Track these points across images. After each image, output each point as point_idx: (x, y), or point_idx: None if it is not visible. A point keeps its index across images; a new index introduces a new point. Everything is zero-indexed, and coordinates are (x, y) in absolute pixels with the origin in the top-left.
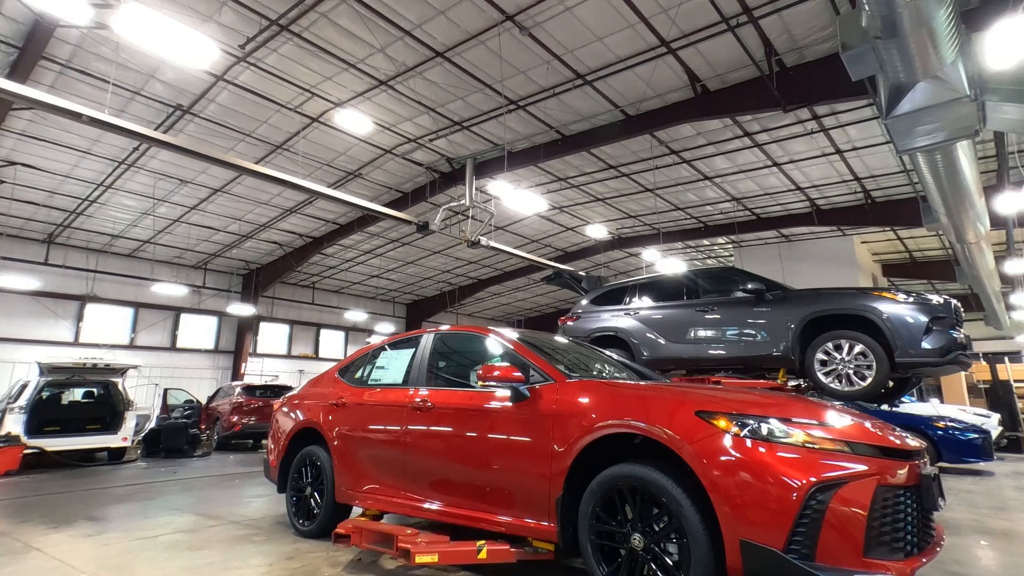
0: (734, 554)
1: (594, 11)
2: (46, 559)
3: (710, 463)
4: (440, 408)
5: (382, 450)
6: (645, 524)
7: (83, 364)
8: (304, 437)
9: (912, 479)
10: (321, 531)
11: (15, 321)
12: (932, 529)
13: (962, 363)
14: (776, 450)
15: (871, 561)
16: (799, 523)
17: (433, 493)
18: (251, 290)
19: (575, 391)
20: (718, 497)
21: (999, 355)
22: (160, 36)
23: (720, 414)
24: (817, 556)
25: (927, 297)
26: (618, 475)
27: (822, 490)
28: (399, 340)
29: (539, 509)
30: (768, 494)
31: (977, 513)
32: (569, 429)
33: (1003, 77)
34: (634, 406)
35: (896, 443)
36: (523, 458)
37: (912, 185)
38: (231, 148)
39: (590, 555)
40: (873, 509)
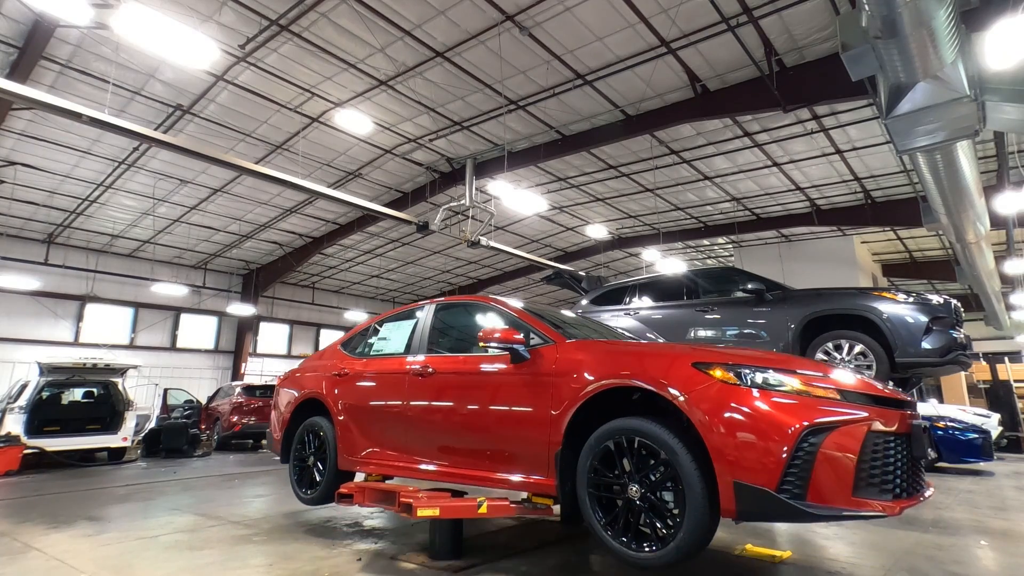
0: (728, 497)
1: (594, 11)
2: (46, 559)
3: (706, 410)
4: (441, 373)
5: (384, 416)
6: (642, 475)
7: (83, 364)
8: (307, 409)
9: (903, 428)
10: (324, 498)
11: (15, 321)
12: (922, 479)
13: (962, 363)
14: (770, 396)
15: (860, 500)
16: (791, 464)
17: (435, 455)
18: (251, 290)
19: (574, 350)
20: (713, 442)
21: (999, 355)
22: (160, 36)
23: (716, 364)
24: (808, 496)
25: (927, 297)
26: (616, 428)
27: (814, 433)
28: (400, 312)
29: (538, 465)
30: (762, 437)
31: (977, 513)
32: (569, 386)
33: (1003, 77)
34: (632, 361)
35: (887, 393)
36: (523, 416)
37: (912, 185)
38: (231, 148)
39: (588, 507)
40: (863, 452)
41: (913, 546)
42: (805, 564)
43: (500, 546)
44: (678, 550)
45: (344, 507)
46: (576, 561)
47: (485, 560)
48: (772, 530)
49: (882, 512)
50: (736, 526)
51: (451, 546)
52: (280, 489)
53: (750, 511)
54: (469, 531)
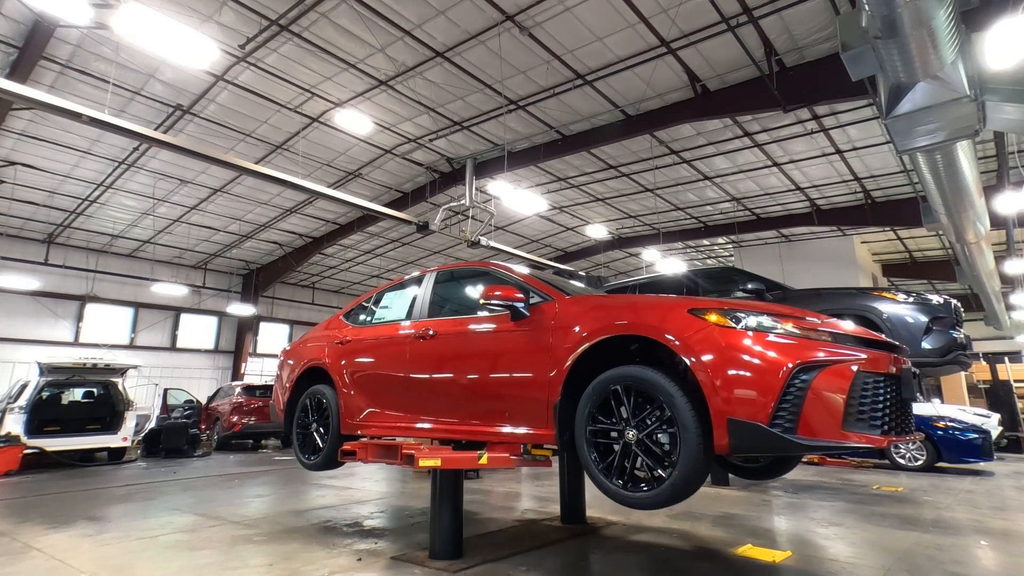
0: (721, 433)
1: (594, 11)
2: (46, 559)
3: (701, 351)
4: (442, 334)
5: (385, 380)
6: (638, 419)
7: (83, 364)
8: (309, 378)
9: (893, 370)
10: (326, 462)
11: (15, 321)
12: (911, 423)
13: (962, 363)
14: (763, 337)
15: (849, 433)
16: (783, 400)
17: (437, 414)
18: (251, 290)
19: (574, 305)
20: (708, 381)
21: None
22: (160, 36)
23: (711, 310)
24: (799, 429)
25: (927, 297)
26: (615, 376)
27: (805, 370)
28: (402, 281)
29: (538, 416)
30: (755, 375)
31: (977, 513)
32: (568, 339)
33: (1003, 77)
34: (630, 312)
35: (878, 338)
36: (524, 370)
37: (912, 185)
38: (231, 148)
39: (586, 453)
40: (853, 390)
41: (913, 546)
42: (805, 564)
43: (500, 546)
44: (673, 487)
45: (344, 507)
46: (576, 561)
47: (485, 560)
48: (772, 530)
49: (870, 445)
50: (736, 526)
51: (451, 546)
52: (280, 489)
53: (742, 445)
54: (469, 531)
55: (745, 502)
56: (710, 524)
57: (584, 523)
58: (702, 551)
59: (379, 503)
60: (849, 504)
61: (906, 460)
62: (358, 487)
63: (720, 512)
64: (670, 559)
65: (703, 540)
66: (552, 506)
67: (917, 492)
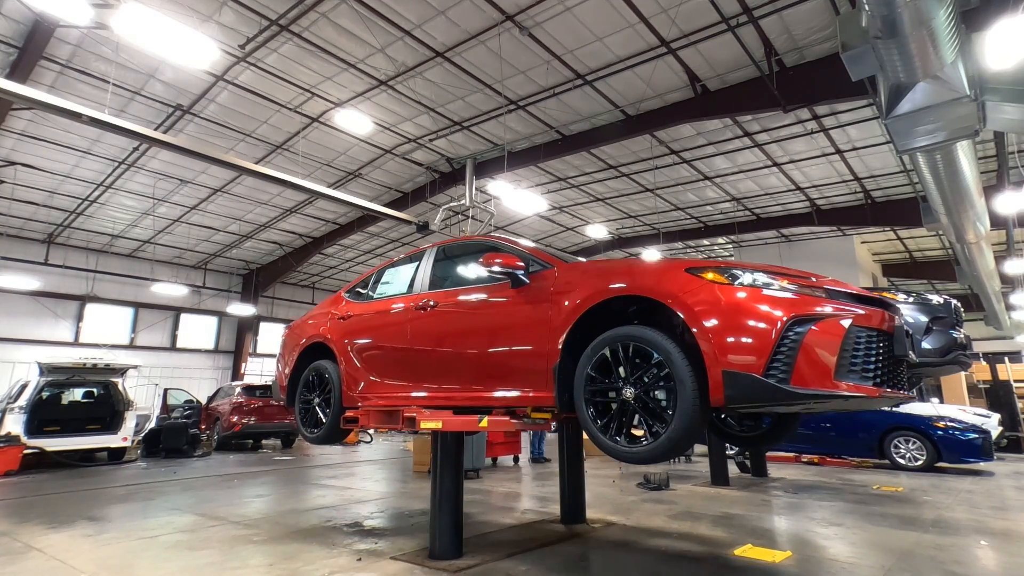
0: (717, 386)
1: (594, 11)
2: (46, 559)
3: (698, 307)
4: (443, 304)
5: (387, 351)
6: (636, 377)
7: (83, 364)
8: (312, 354)
9: (886, 327)
10: (329, 435)
11: (15, 321)
12: (904, 380)
13: (962, 363)
14: (759, 292)
15: (840, 383)
16: (777, 351)
17: (438, 381)
18: (251, 290)
19: (573, 272)
20: (704, 335)
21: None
22: (160, 36)
23: (708, 269)
24: (792, 380)
25: (927, 297)
26: (614, 336)
27: (799, 323)
28: (402, 258)
29: (538, 379)
30: (750, 328)
31: (977, 513)
32: (567, 303)
33: (1003, 77)
34: (628, 275)
35: (872, 295)
36: (524, 334)
37: (912, 185)
38: (231, 148)
39: (585, 412)
40: (845, 343)
41: (913, 546)
42: (805, 564)
43: (500, 546)
44: (670, 441)
45: (344, 507)
46: (576, 561)
47: (485, 560)
48: (772, 530)
49: (861, 394)
50: (736, 526)
51: (451, 546)
52: (280, 489)
53: (737, 396)
54: (469, 531)
55: (745, 502)
56: (710, 524)
57: (584, 523)
58: (702, 551)
59: (379, 503)
60: (849, 504)
61: (906, 460)
62: (358, 487)
63: (720, 512)
64: (670, 559)
65: (703, 540)
66: (552, 506)
67: (917, 492)
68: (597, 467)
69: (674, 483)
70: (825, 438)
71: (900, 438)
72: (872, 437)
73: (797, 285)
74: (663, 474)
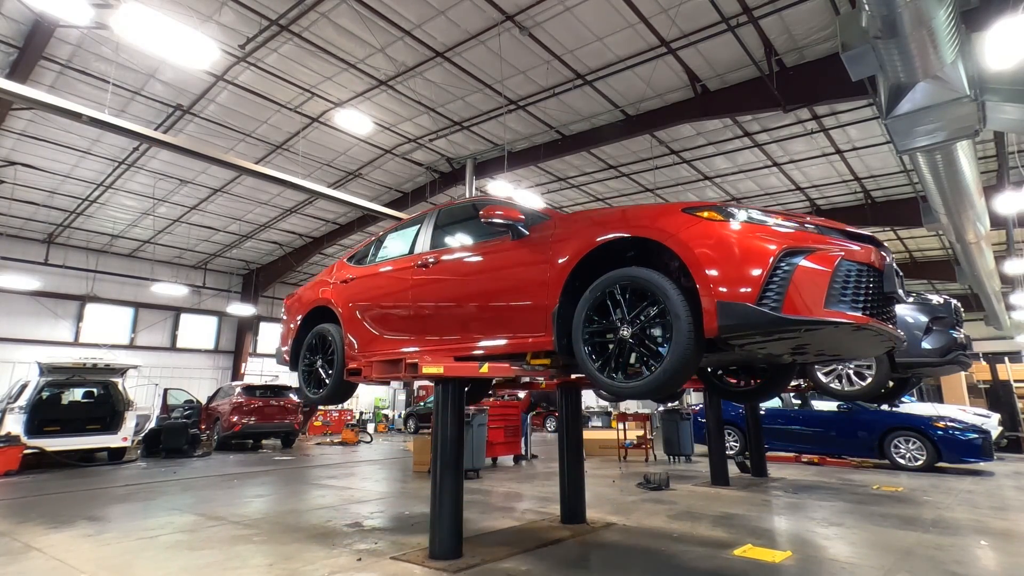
0: (711, 317)
1: (594, 11)
2: (46, 559)
3: (694, 243)
4: (445, 260)
5: (389, 309)
6: (633, 316)
7: (83, 364)
8: (314, 318)
9: (875, 262)
10: (332, 395)
11: (15, 321)
12: (894, 318)
13: (962, 363)
14: (754, 228)
15: (830, 311)
16: (770, 281)
17: (439, 334)
18: (251, 290)
19: (570, 220)
20: (700, 269)
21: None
22: (160, 36)
23: (705, 208)
24: (784, 308)
25: (927, 297)
26: (612, 277)
27: (791, 254)
28: (404, 222)
29: (537, 324)
30: (744, 260)
31: (977, 513)
32: (567, 248)
33: (1003, 77)
34: (626, 219)
35: (863, 233)
36: (523, 283)
37: (912, 185)
38: (231, 148)
39: (583, 353)
40: (836, 274)
41: (913, 546)
42: (805, 564)
43: (500, 546)
44: (664, 373)
45: (344, 507)
46: (576, 561)
47: (485, 560)
48: (772, 530)
49: (850, 321)
50: (736, 526)
51: (451, 546)
52: (280, 489)
53: (731, 325)
54: (469, 531)
55: (745, 502)
56: (710, 524)
57: (584, 523)
58: (702, 551)
59: (379, 503)
60: (849, 504)
61: (906, 460)
62: (358, 487)
63: (720, 512)
64: (670, 559)
65: (703, 540)
66: (552, 506)
67: (917, 492)
68: (597, 467)
69: (674, 483)
70: (825, 438)
71: (900, 438)
72: (872, 437)
73: (791, 222)
74: (663, 474)
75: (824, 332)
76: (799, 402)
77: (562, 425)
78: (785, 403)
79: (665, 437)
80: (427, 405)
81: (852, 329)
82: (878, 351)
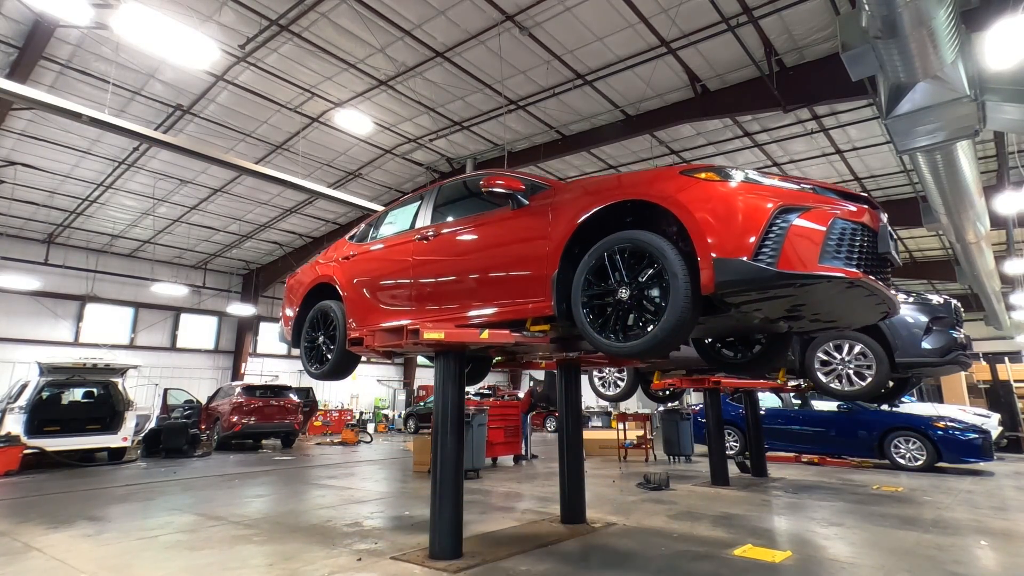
0: (708, 274)
1: (594, 11)
2: (46, 559)
3: (692, 203)
4: (444, 232)
5: (391, 282)
6: (631, 277)
7: (83, 364)
8: (316, 295)
9: (870, 223)
10: (335, 369)
11: (15, 321)
12: (888, 279)
13: (962, 363)
14: (751, 187)
15: (824, 266)
16: (766, 237)
17: (440, 303)
18: (251, 290)
19: (570, 188)
20: (697, 228)
21: (999, 355)
22: (160, 36)
23: (703, 169)
24: (779, 264)
25: (927, 297)
26: (610, 240)
27: (787, 211)
28: (403, 199)
29: (537, 290)
30: (741, 217)
31: (977, 513)
32: (565, 216)
33: (1003, 77)
34: (624, 184)
35: (858, 194)
36: (524, 250)
37: (912, 185)
38: (231, 148)
39: (582, 316)
40: (831, 231)
41: (913, 546)
42: (805, 564)
43: (500, 546)
44: (662, 330)
45: (344, 507)
46: (576, 561)
47: (485, 560)
48: (772, 530)
49: (843, 275)
50: (736, 526)
51: (451, 546)
52: (280, 489)
53: (728, 280)
54: (469, 531)
55: (745, 502)
56: (710, 524)
57: (584, 523)
58: (702, 551)
59: (379, 503)
60: (849, 504)
61: (906, 460)
62: (358, 487)
63: (720, 512)
64: (670, 559)
65: (703, 540)
66: (552, 506)
67: (917, 492)
68: (597, 467)
69: (674, 483)
70: (825, 438)
71: (900, 438)
72: (872, 437)
73: (788, 183)
74: (663, 474)
75: (818, 290)
76: (799, 402)
77: (562, 423)
78: (785, 403)
79: (665, 437)
80: (427, 405)
81: (846, 286)
82: (873, 316)
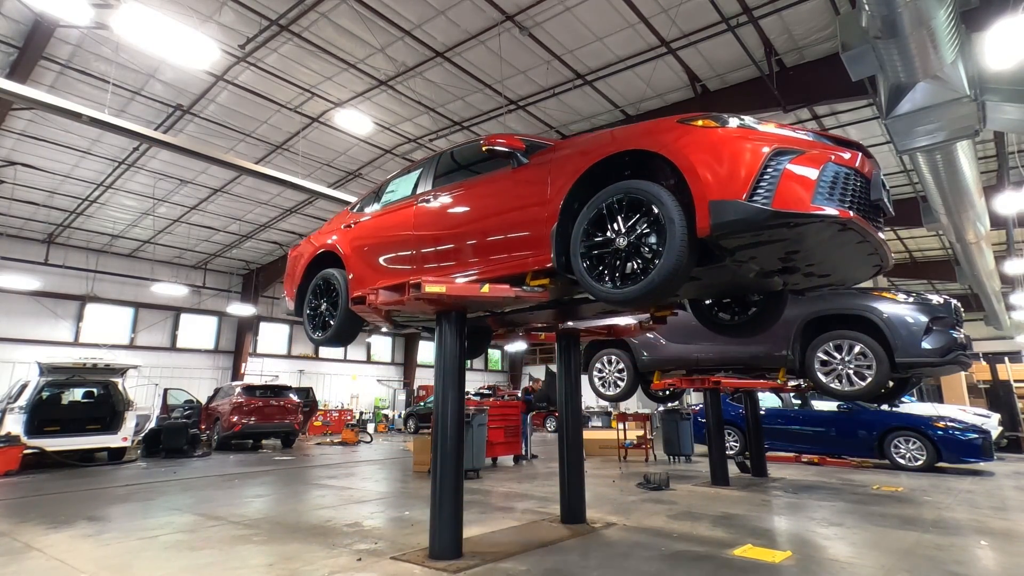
0: (704, 216)
1: (594, 11)
2: (46, 559)
3: (688, 149)
4: (444, 194)
5: (392, 247)
6: (629, 226)
7: (83, 364)
8: (319, 263)
9: (862, 169)
10: (337, 335)
11: (15, 321)
12: (880, 226)
13: (962, 363)
14: (746, 132)
15: (817, 206)
16: (760, 178)
17: (440, 261)
18: (251, 290)
19: (568, 144)
20: (693, 173)
21: (999, 355)
22: (160, 36)
23: (699, 117)
24: (774, 204)
25: (927, 297)
26: (608, 191)
27: (780, 154)
28: (404, 169)
29: (537, 244)
30: (735, 159)
31: (977, 513)
32: (565, 170)
33: (1003, 77)
34: (622, 136)
35: (851, 141)
36: (524, 205)
37: (912, 185)
38: (231, 148)
39: (580, 266)
40: (823, 173)
41: (913, 546)
42: (805, 564)
43: (500, 546)
44: (659, 274)
45: (344, 507)
46: (576, 561)
47: (485, 560)
48: (772, 530)
49: (836, 215)
50: (736, 526)
51: (451, 546)
52: (280, 489)
53: (723, 223)
54: (469, 531)
55: (745, 502)
56: (710, 524)
57: (584, 523)
58: (702, 551)
59: (379, 503)
60: (849, 504)
61: (906, 460)
62: (358, 487)
63: (720, 512)
64: (670, 559)
65: (703, 540)
66: (552, 506)
67: (917, 492)
68: (597, 467)
69: (674, 483)
70: (825, 438)
71: (900, 438)
72: (872, 437)
73: (784, 129)
74: (663, 474)
75: (811, 232)
76: (799, 402)
77: (562, 422)
78: (785, 403)
79: (665, 437)
80: (427, 405)
81: (838, 228)
82: (866, 270)
